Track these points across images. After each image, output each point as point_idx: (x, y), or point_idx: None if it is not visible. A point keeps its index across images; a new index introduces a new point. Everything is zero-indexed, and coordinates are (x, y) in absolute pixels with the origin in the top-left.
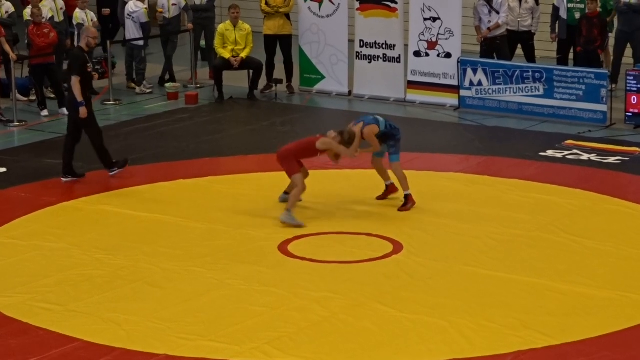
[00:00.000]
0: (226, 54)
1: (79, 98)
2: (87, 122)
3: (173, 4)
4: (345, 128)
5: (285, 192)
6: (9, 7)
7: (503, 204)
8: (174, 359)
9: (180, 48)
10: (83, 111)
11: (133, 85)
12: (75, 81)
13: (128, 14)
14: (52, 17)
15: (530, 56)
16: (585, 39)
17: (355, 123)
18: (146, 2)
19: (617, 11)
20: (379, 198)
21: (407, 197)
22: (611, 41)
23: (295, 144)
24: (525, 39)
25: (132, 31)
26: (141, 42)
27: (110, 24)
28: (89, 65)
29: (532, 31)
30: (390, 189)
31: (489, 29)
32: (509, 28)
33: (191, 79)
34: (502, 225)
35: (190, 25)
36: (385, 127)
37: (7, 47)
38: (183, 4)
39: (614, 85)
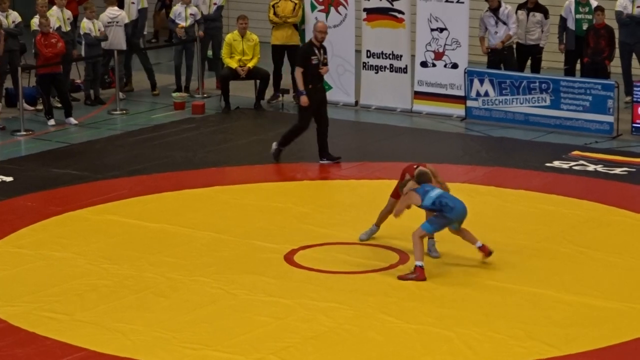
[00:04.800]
0: (233, 64)
1: (300, 87)
2: (305, 109)
3: (191, 14)
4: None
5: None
6: (16, 17)
7: (509, 215)
8: None
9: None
10: (303, 99)
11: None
12: (297, 72)
13: (108, 23)
14: (59, 27)
15: (536, 69)
16: (593, 50)
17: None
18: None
19: (619, 23)
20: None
21: (416, 268)
22: None
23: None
24: (533, 52)
25: (117, 37)
26: (124, 46)
27: None
28: (312, 58)
29: (540, 45)
30: (483, 250)
31: (502, 42)
32: (518, 41)
33: (198, 89)
34: (508, 236)
35: (201, 33)
36: (432, 203)
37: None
38: (199, 15)
39: (629, 98)
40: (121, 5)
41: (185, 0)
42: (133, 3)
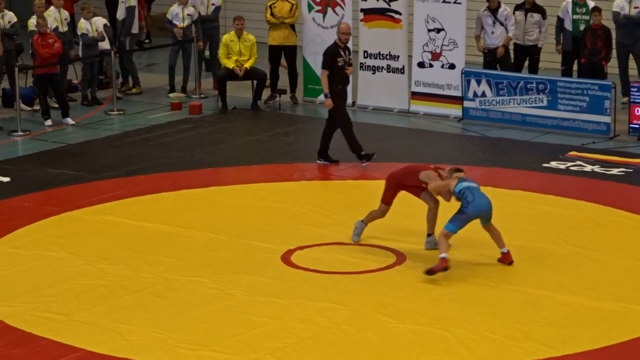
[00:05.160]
0: (230, 64)
1: (325, 90)
2: (332, 112)
3: (188, 14)
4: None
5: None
6: (12, 17)
7: (506, 215)
8: None
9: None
10: (328, 102)
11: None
12: (322, 74)
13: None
14: (56, 28)
15: (534, 70)
16: (590, 50)
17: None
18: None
19: (617, 23)
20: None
21: (441, 260)
22: None
23: (404, 169)
24: (531, 53)
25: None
26: (107, 46)
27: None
28: (339, 59)
29: (539, 45)
30: (504, 258)
31: (503, 46)
32: (516, 41)
33: (195, 89)
34: (505, 237)
35: (201, 44)
36: (459, 191)
37: None
38: (196, 15)
39: (626, 99)
40: (115, 4)
41: (182, 0)
42: (122, 2)
